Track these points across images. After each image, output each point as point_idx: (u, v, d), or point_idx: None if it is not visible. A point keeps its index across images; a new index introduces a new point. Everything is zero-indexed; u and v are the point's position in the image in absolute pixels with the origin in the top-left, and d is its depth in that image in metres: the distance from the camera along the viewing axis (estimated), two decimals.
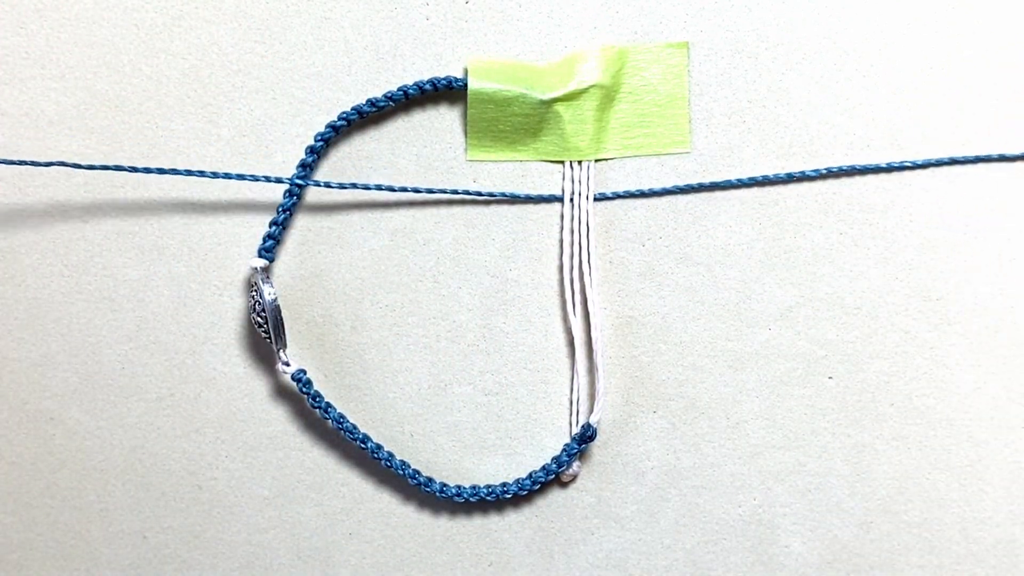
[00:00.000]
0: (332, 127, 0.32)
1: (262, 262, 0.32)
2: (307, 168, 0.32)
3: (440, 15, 0.33)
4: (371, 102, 0.32)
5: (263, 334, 0.32)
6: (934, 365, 0.33)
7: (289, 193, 0.32)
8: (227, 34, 0.33)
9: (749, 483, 0.33)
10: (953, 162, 0.33)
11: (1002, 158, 0.33)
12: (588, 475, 0.33)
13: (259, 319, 0.32)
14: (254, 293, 0.32)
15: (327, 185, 0.32)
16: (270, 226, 0.33)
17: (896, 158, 0.33)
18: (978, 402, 0.33)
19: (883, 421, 0.33)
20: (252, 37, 0.33)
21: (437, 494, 0.33)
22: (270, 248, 0.32)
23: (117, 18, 0.33)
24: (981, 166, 0.33)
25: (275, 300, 0.32)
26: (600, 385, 0.33)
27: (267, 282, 0.32)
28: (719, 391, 0.33)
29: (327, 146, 0.33)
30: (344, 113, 0.32)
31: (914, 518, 0.33)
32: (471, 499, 0.33)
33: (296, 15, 0.33)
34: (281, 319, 0.32)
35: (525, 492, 0.33)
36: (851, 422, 0.33)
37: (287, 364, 0.32)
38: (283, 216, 0.32)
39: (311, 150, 0.32)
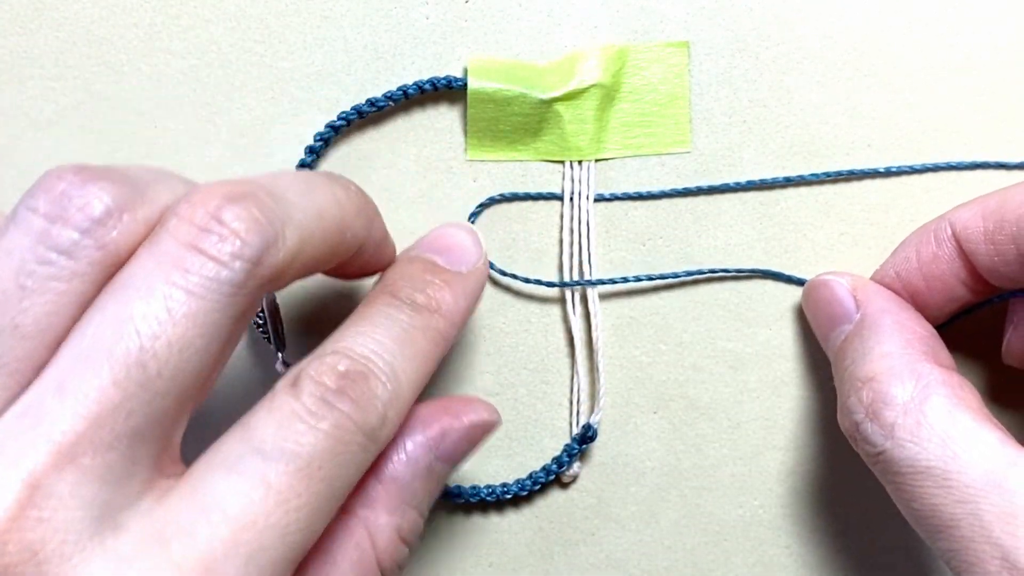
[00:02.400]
0: (331, 127, 0.32)
1: None
2: (306, 168, 0.32)
3: (440, 15, 0.33)
4: (371, 102, 0.32)
5: (262, 334, 0.32)
6: None
7: None
8: (227, 34, 0.33)
9: (750, 484, 0.33)
10: (950, 168, 0.33)
11: (1000, 166, 0.33)
12: (588, 475, 0.33)
13: (258, 319, 0.32)
14: None
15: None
16: None
17: (897, 158, 0.33)
18: None
19: None
20: (252, 37, 0.33)
21: None
22: None
23: (117, 18, 0.33)
24: (981, 167, 0.33)
25: (274, 300, 0.32)
26: (600, 385, 0.33)
27: None
28: (719, 391, 0.33)
29: (327, 146, 0.33)
30: (344, 113, 0.32)
31: None
32: (471, 499, 0.33)
33: (296, 15, 0.33)
34: (280, 319, 0.32)
35: (525, 492, 0.33)
36: None
37: (286, 364, 0.32)
38: None
39: (310, 150, 0.32)
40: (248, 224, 0.21)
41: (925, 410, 0.26)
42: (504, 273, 0.33)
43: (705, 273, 0.33)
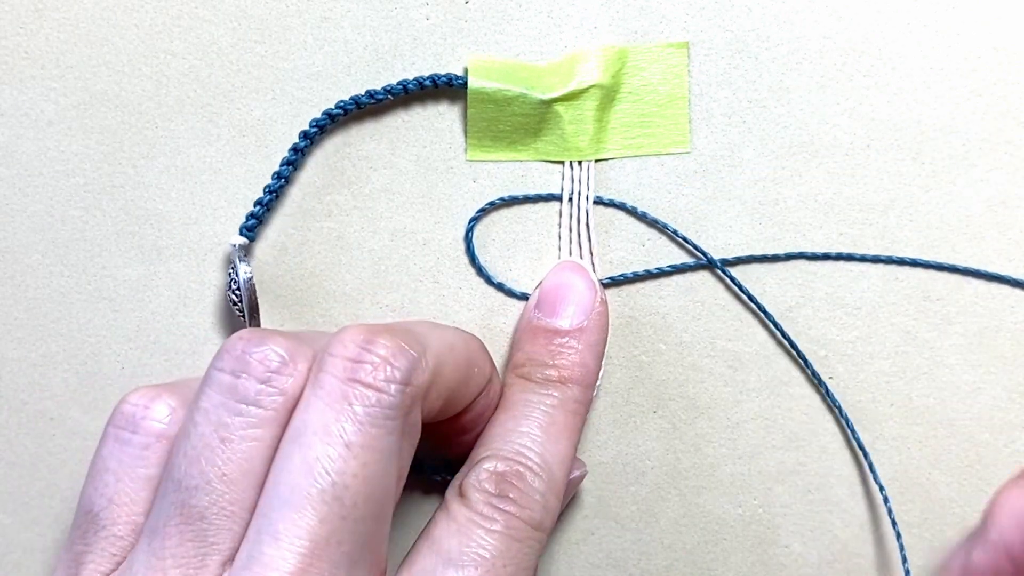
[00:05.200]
0: (328, 115, 0.32)
1: (242, 240, 0.32)
2: (299, 152, 0.32)
3: (440, 15, 0.33)
4: (370, 94, 0.32)
5: (238, 313, 0.32)
6: (934, 365, 0.33)
7: (278, 176, 0.32)
8: (227, 34, 0.33)
9: (749, 483, 0.33)
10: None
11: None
12: (588, 475, 0.33)
13: (234, 297, 0.32)
14: (231, 271, 0.32)
15: None
16: (255, 205, 0.32)
17: (896, 159, 0.33)
18: (978, 402, 0.33)
19: (883, 421, 0.33)
20: (252, 37, 0.33)
21: (429, 473, 0.33)
22: (252, 227, 0.32)
23: (117, 18, 0.33)
24: (980, 167, 0.33)
25: (250, 279, 0.32)
26: (599, 383, 0.33)
27: (244, 260, 0.32)
28: (719, 391, 0.33)
29: (323, 133, 0.33)
30: (342, 102, 0.32)
31: (914, 518, 0.33)
32: None
33: (296, 15, 0.33)
34: (256, 298, 0.32)
35: None
36: (851, 422, 0.33)
37: None
38: (268, 197, 0.32)
39: (304, 135, 0.32)
40: (393, 350, 0.24)
41: None
42: (495, 284, 0.33)
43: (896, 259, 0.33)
